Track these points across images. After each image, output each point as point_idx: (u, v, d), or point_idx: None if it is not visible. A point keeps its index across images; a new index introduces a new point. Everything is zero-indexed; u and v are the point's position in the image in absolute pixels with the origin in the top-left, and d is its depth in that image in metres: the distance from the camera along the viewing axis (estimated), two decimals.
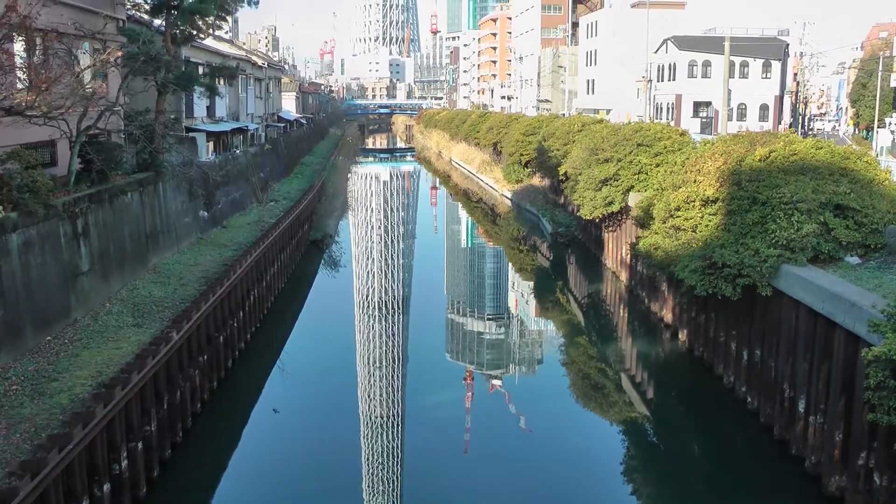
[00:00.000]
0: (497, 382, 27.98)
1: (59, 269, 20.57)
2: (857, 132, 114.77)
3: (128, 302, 22.98)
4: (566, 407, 25.06)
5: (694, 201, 24.43)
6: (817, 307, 18.14)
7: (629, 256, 35.13)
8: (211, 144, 45.86)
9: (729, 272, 21.04)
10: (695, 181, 25.19)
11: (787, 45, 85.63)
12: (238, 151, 49.56)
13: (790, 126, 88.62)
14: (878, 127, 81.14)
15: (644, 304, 32.79)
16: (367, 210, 72.29)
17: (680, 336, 28.18)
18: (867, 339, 15.49)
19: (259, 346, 28.59)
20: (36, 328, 18.91)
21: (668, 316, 29.69)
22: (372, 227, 62.81)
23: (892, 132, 75.40)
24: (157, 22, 34.59)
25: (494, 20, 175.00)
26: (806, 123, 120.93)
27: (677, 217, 25.06)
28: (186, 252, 30.53)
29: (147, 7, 33.36)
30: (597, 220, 39.29)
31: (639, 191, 34.17)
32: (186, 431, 20.46)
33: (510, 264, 47.91)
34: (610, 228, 39.17)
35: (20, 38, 21.32)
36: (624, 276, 36.70)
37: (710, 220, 23.44)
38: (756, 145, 25.21)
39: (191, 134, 41.35)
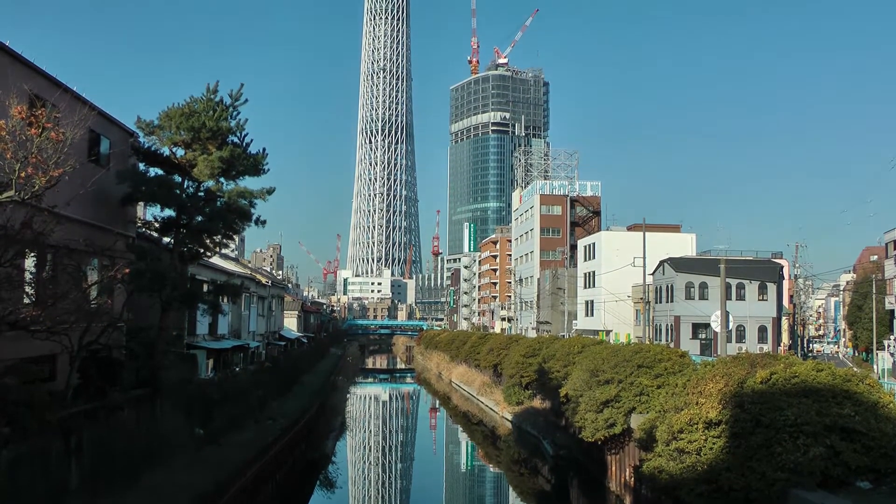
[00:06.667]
0: None
1: (47, 487, 19.93)
2: (856, 354, 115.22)
3: None
4: None
5: (697, 423, 24.10)
6: None
7: (633, 479, 34.20)
8: (211, 362, 45.91)
9: (736, 496, 20.50)
10: (697, 403, 24.97)
11: (782, 267, 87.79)
12: (238, 369, 49.52)
13: (789, 348, 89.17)
14: (877, 349, 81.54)
15: None
16: (365, 431, 71.12)
17: None
18: None
19: None
20: None
21: None
22: (370, 449, 61.54)
23: (892, 354, 75.59)
24: (166, 239, 35.53)
25: (495, 242, 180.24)
26: (805, 345, 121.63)
27: (681, 439, 24.62)
28: (180, 471, 29.70)
29: (157, 225, 34.42)
30: (599, 443, 38.57)
31: (641, 412, 33.80)
32: None
33: (511, 488, 46.58)
34: (612, 451, 38.40)
35: (31, 255, 21.83)
36: (628, 499, 35.58)
37: (714, 443, 23.03)
38: (756, 367, 25.19)
39: (192, 351, 41.45)
